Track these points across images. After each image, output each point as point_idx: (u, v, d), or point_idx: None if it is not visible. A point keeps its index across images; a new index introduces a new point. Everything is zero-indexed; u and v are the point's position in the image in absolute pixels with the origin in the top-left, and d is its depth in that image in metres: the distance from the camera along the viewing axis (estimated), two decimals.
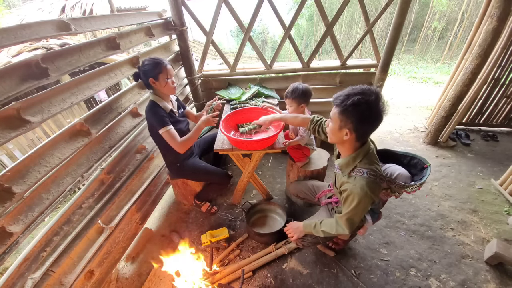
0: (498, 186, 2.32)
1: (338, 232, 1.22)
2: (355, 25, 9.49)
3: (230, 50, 12.47)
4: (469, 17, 7.08)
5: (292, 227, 1.47)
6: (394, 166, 1.29)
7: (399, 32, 2.24)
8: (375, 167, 1.10)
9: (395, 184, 1.17)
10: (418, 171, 1.26)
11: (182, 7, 2.20)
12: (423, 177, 1.19)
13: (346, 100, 1.00)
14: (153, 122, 1.56)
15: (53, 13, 5.29)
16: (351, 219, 1.15)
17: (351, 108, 0.98)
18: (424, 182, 1.18)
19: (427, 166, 1.23)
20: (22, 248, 1.10)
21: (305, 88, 1.72)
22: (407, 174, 1.24)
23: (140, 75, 1.54)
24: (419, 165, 1.27)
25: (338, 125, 1.06)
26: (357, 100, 0.97)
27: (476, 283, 1.59)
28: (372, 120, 1.01)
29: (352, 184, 1.10)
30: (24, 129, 1.01)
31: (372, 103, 0.97)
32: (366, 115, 0.99)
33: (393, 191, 1.22)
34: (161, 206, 2.30)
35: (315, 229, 1.32)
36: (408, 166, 1.31)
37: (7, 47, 1.13)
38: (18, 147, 3.09)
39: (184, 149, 1.62)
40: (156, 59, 1.52)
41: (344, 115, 1.02)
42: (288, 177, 2.17)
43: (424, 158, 1.26)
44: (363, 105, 0.97)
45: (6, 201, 0.95)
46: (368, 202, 1.09)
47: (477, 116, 3.27)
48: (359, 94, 0.98)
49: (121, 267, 1.80)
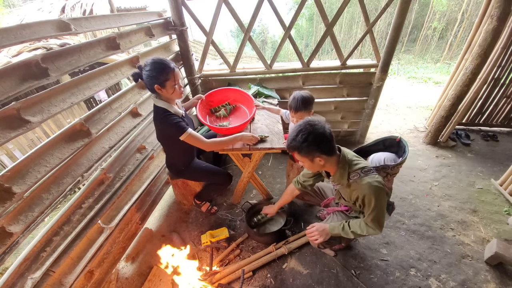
0: (498, 186, 2.32)
1: (369, 233, 1.25)
2: (355, 25, 9.49)
3: (230, 50, 12.47)
4: (469, 17, 7.08)
5: (318, 230, 1.38)
6: (376, 155, 1.36)
7: (399, 32, 2.24)
8: (363, 164, 1.18)
9: (390, 167, 1.23)
10: (397, 148, 1.36)
11: (182, 7, 2.20)
12: (405, 149, 1.29)
13: (294, 143, 1.12)
14: (171, 132, 1.49)
15: (53, 13, 5.29)
16: (377, 216, 1.18)
17: (304, 144, 1.09)
18: (407, 153, 1.26)
19: (398, 139, 1.33)
20: (22, 248, 1.10)
21: (306, 96, 1.63)
22: (391, 155, 1.32)
23: (141, 77, 1.41)
24: (394, 143, 1.37)
25: (308, 161, 1.16)
26: (302, 137, 1.09)
27: (476, 283, 1.59)
28: (325, 137, 1.10)
29: (359, 188, 1.15)
30: (24, 129, 1.01)
31: (310, 129, 1.09)
32: (318, 139, 1.09)
33: (392, 174, 1.28)
34: (161, 206, 2.30)
35: (344, 231, 1.30)
36: (386, 148, 1.41)
37: (7, 47, 1.13)
38: (18, 147, 3.09)
39: (211, 149, 1.63)
40: (162, 63, 1.37)
41: (304, 152, 1.12)
42: (288, 177, 2.17)
43: (392, 135, 1.38)
44: (309, 136, 1.08)
45: (6, 201, 0.95)
46: (383, 194, 1.14)
47: (477, 116, 3.27)
48: (299, 133, 1.10)
49: (121, 267, 1.80)
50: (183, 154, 1.78)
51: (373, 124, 3.56)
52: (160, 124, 1.53)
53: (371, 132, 3.35)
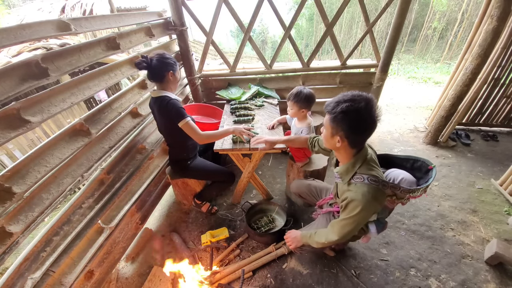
0: (498, 186, 2.32)
1: (328, 240, 1.19)
2: (355, 25, 9.49)
3: (230, 50, 12.47)
4: (469, 17, 7.08)
5: (291, 236, 1.43)
6: (397, 171, 1.21)
7: (399, 32, 2.24)
8: (376, 172, 1.05)
9: (400, 190, 1.07)
10: (423, 174, 1.19)
11: (182, 7, 2.20)
12: (429, 180, 1.10)
13: (336, 107, 0.97)
14: (173, 114, 1.53)
15: (53, 13, 5.28)
16: (348, 225, 1.10)
17: (340, 116, 0.97)
18: (429, 185, 1.09)
19: (431, 167, 1.15)
20: (22, 248, 1.10)
21: (309, 93, 1.69)
22: (411, 178, 1.16)
23: (149, 64, 1.46)
24: (423, 168, 1.19)
25: (330, 132, 1.05)
26: (346, 108, 0.95)
27: (476, 283, 1.59)
28: (363, 128, 0.99)
29: (353, 191, 1.05)
30: (24, 129, 1.01)
31: (362, 111, 0.94)
32: (355, 123, 0.97)
33: (399, 197, 1.13)
34: (161, 206, 2.30)
35: (310, 240, 1.30)
36: (412, 169, 1.23)
37: (7, 47, 1.12)
38: (18, 147, 3.09)
39: (204, 142, 1.64)
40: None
41: (334, 122, 1.00)
42: (288, 177, 2.17)
43: (427, 160, 1.18)
44: (352, 113, 0.94)
45: (6, 201, 0.95)
46: (371, 210, 1.05)
47: (477, 116, 3.27)
48: (348, 101, 0.96)
49: (121, 267, 1.80)
50: (187, 148, 1.79)
51: None
52: (165, 107, 1.54)
53: None
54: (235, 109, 2.18)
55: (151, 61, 1.47)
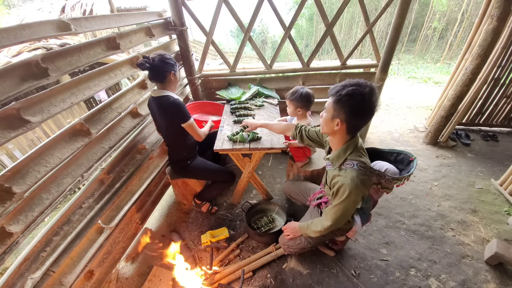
0: (498, 186, 2.32)
1: (323, 227, 1.24)
2: (355, 25, 9.49)
3: (230, 50, 12.47)
4: (469, 17, 7.08)
5: (290, 227, 1.54)
6: (381, 162, 1.31)
7: (399, 32, 2.24)
8: (364, 159, 1.13)
9: (385, 178, 1.17)
10: (405, 166, 1.29)
11: (182, 7, 2.20)
12: (410, 170, 1.21)
13: (342, 90, 1.02)
14: (179, 114, 1.55)
15: (53, 13, 5.28)
16: (339, 210, 1.15)
17: (345, 98, 1.01)
18: (411, 173, 1.18)
19: (412, 159, 1.25)
20: (22, 248, 1.09)
21: (306, 93, 1.71)
22: (394, 169, 1.26)
23: (151, 64, 1.46)
24: (405, 160, 1.30)
25: (331, 115, 1.09)
26: (352, 91, 1.00)
27: (476, 283, 1.59)
28: (364, 113, 1.05)
29: (343, 176, 1.12)
30: (24, 129, 1.01)
31: (366, 95, 0.99)
32: (358, 107, 1.02)
33: (384, 186, 1.22)
34: (161, 206, 2.30)
35: (308, 230, 1.36)
36: (395, 162, 1.34)
37: (7, 47, 1.12)
38: (18, 147, 3.09)
39: (202, 139, 1.72)
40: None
41: (338, 104, 1.04)
42: (288, 177, 2.17)
43: (409, 153, 1.28)
44: (357, 96, 0.99)
45: (6, 201, 0.95)
46: (359, 194, 1.10)
47: (477, 116, 3.27)
48: (354, 85, 1.01)
49: (121, 267, 1.80)
50: (187, 148, 1.80)
51: (373, 124, 3.57)
52: (170, 106, 1.54)
53: (370, 132, 3.36)
54: (235, 109, 2.18)
55: (153, 61, 1.47)
